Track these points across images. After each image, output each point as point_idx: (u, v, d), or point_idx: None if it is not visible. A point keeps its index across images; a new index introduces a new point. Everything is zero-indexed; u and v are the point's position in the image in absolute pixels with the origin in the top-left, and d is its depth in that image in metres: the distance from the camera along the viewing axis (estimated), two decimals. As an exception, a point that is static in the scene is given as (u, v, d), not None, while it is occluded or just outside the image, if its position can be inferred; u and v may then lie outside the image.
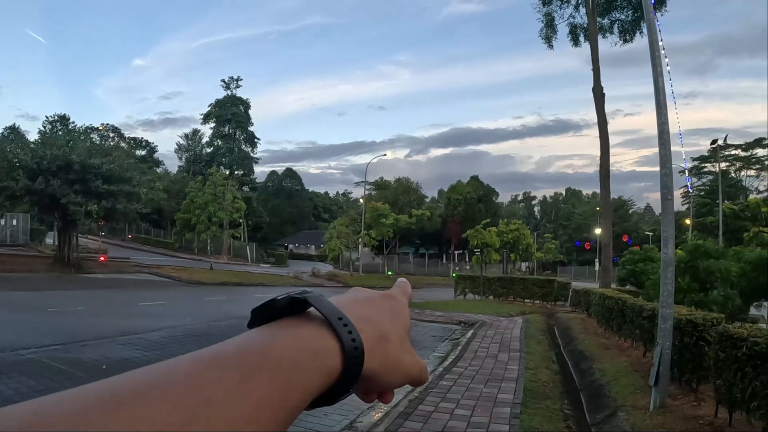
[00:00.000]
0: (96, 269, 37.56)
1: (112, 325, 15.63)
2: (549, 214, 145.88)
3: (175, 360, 0.47)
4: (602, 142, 30.95)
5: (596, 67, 31.51)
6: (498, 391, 9.42)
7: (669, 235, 8.65)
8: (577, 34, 36.13)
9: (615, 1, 35.03)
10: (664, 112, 8.92)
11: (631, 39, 35.51)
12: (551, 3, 36.01)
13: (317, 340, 0.54)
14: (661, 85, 9.02)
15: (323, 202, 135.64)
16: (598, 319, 18.53)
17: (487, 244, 57.50)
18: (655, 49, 9.24)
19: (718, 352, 7.25)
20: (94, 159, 33.35)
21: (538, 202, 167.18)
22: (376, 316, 0.63)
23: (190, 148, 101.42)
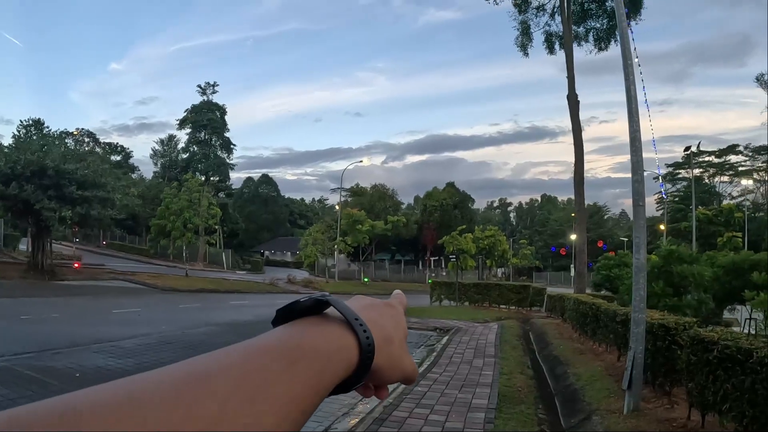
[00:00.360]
0: (70, 276, 37.08)
1: (86, 333, 15.42)
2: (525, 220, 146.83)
3: (224, 350, 0.54)
4: (577, 149, 31.16)
5: (571, 74, 31.74)
6: (472, 397, 9.41)
7: (641, 240, 8.71)
8: (552, 42, 36.41)
9: (590, 10, 35.35)
10: (636, 120, 9.00)
11: (606, 47, 35.84)
12: (527, 11, 36.27)
13: (340, 336, 0.63)
14: (633, 93, 9.10)
15: (299, 209, 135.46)
16: (573, 324, 18.64)
17: (463, 250, 57.68)
18: (627, 57, 9.32)
19: (690, 355, 7.30)
20: (69, 164, 32.91)
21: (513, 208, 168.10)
22: (381, 320, 0.71)
23: (166, 153, 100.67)
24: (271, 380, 0.51)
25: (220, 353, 0.54)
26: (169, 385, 0.46)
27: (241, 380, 0.49)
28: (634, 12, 32.50)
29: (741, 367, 6.00)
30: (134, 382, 0.46)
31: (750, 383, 5.78)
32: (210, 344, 14.44)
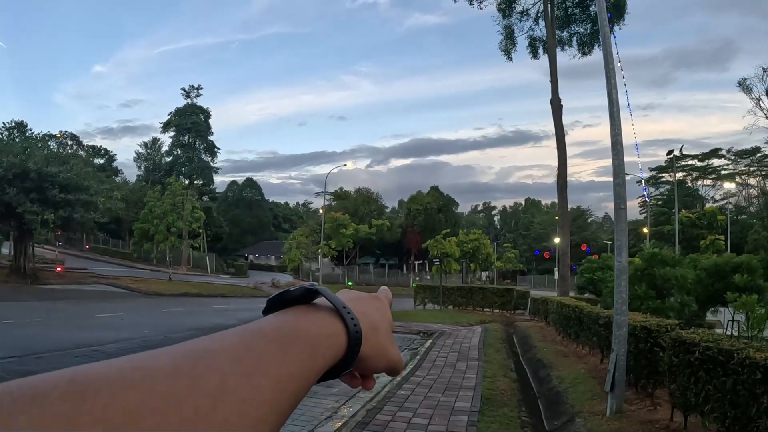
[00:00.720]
0: (53, 280, 36.81)
1: (69, 337, 15.33)
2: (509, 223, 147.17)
3: (223, 333, 0.57)
4: (560, 152, 31.28)
5: (554, 79, 31.86)
6: (455, 400, 9.40)
7: (622, 243, 8.74)
8: (536, 47, 36.52)
9: (574, 15, 35.52)
10: (618, 124, 9.04)
11: (590, 52, 36.03)
12: (511, 16, 36.37)
13: (330, 323, 0.65)
14: (615, 97, 9.14)
15: (283, 213, 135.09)
16: (557, 327, 18.68)
17: (447, 254, 57.78)
18: (609, 62, 9.36)
19: (672, 357, 7.33)
20: (52, 167, 32.63)
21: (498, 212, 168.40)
22: (368, 310, 0.74)
23: (150, 157, 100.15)
24: (267, 359, 0.54)
25: (219, 335, 0.56)
26: (173, 358, 0.49)
27: (240, 357, 0.52)
28: (617, 17, 32.71)
29: (722, 368, 6.03)
30: (141, 356, 0.49)
31: (731, 384, 5.80)
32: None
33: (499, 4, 36.03)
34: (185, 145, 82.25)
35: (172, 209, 52.90)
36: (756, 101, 75.03)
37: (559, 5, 34.81)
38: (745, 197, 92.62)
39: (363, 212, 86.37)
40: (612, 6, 30.85)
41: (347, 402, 9.39)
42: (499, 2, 35.97)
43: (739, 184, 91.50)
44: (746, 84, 75.62)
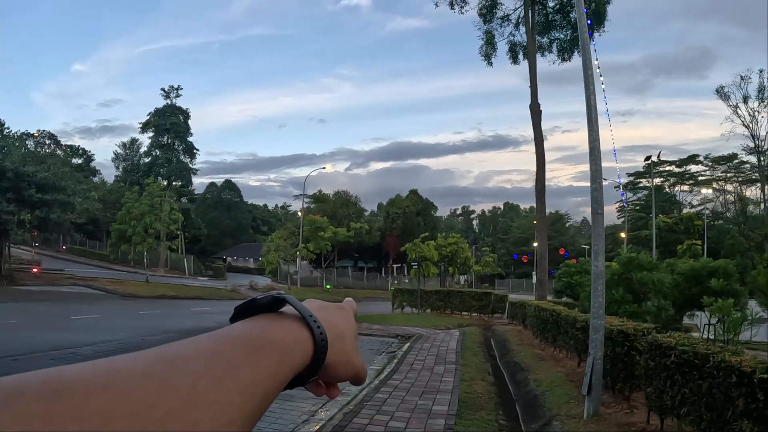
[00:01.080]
0: (29, 281, 36.38)
1: (45, 339, 15.17)
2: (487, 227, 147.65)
3: (194, 338, 0.59)
4: (538, 157, 31.45)
5: (534, 84, 32.05)
6: (433, 403, 9.38)
7: (599, 248, 8.78)
8: (516, 52, 36.68)
9: (555, 21, 35.73)
10: (596, 130, 9.08)
11: (570, 58, 36.25)
12: (492, 21, 36.50)
13: (297, 331, 0.67)
14: (593, 103, 9.18)
15: (262, 215, 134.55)
16: (534, 330, 18.75)
17: (425, 257, 57.70)
18: (588, 68, 9.41)
19: (648, 360, 7.37)
20: (29, 166, 32.32)
21: (476, 216, 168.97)
22: (334, 319, 0.76)
23: (128, 157, 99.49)
24: (237, 364, 0.56)
25: (190, 340, 0.58)
26: (146, 361, 0.51)
27: (210, 362, 0.54)
28: (597, 24, 32.94)
29: (698, 371, 6.06)
30: (115, 359, 0.51)
31: (707, 387, 5.83)
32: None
33: (480, 10, 36.16)
34: (164, 146, 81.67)
35: (150, 210, 52.43)
36: (733, 109, 76.07)
37: (540, 11, 35.02)
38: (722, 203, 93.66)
39: (342, 215, 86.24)
40: (592, 13, 31.08)
41: (324, 405, 9.33)
42: (480, 7, 36.10)
43: (716, 189, 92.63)
44: (724, 92, 76.63)
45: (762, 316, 14.21)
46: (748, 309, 14.35)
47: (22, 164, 32.07)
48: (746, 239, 76.39)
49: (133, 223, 51.73)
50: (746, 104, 75.08)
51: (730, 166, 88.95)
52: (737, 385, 5.29)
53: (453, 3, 36.15)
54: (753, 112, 74.62)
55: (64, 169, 38.77)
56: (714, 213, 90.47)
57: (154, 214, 52.63)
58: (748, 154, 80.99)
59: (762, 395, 4.92)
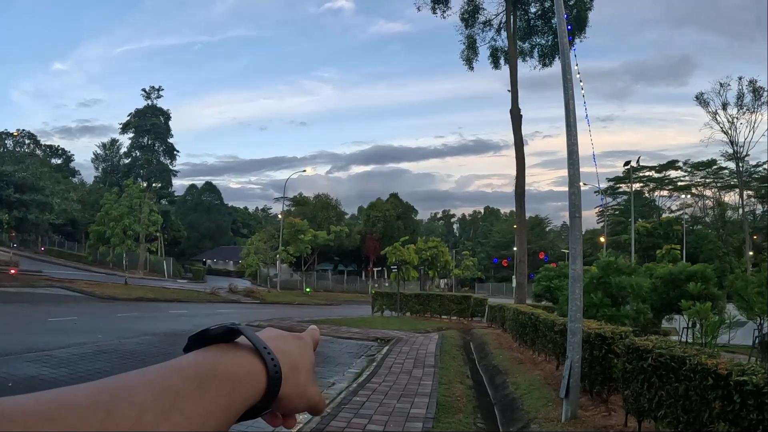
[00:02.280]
0: (5, 282, 35.91)
1: (20, 341, 14.94)
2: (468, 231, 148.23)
3: (142, 370, 0.59)
4: (518, 162, 31.61)
5: (515, 89, 32.23)
6: (411, 407, 9.34)
7: (577, 252, 8.79)
8: (497, 57, 36.82)
9: (536, 27, 35.94)
10: (574, 134, 9.10)
11: (551, 63, 36.45)
12: (474, 26, 36.60)
13: (249, 363, 0.66)
14: (572, 107, 9.21)
15: (242, 218, 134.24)
16: (513, 334, 18.79)
17: (406, 261, 57.68)
18: (567, 72, 9.43)
19: (626, 363, 7.38)
20: (7, 166, 32.01)
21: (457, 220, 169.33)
22: (289, 350, 0.75)
23: (108, 158, 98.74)
24: (185, 396, 0.56)
25: (138, 372, 0.58)
26: (91, 392, 0.51)
27: (158, 394, 0.54)
28: (578, 30, 33.16)
29: (675, 374, 6.07)
30: (60, 390, 0.50)
31: (684, 390, 5.84)
32: (146, 354, 14.19)
33: (462, 14, 36.27)
34: (144, 147, 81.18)
35: (129, 212, 52.08)
36: (713, 115, 76.78)
37: (522, 17, 35.24)
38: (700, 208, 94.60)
39: (322, 218, 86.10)
40: (574, 18, 31.29)
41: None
42: (462, 12, 36.22)
43: (695, 195, 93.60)
44: (703, 98, 77.33)
45: (740, 319, 14.30)
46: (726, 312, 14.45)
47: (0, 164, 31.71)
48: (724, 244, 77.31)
49: (111, 224, 51.34)
50: (725, 111, 75.88)
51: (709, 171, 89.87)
52: (714, 388, 5.30)
53: (435, 7, 36.24)
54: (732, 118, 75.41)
55: (43, 169, 38.56)
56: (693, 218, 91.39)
57: (133, 216, 52.30)
58: (726, 160, 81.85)
59: (738, 397, 4.93)
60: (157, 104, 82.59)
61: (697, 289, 13.98)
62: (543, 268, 31.09)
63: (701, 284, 15.08)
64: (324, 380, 12.06)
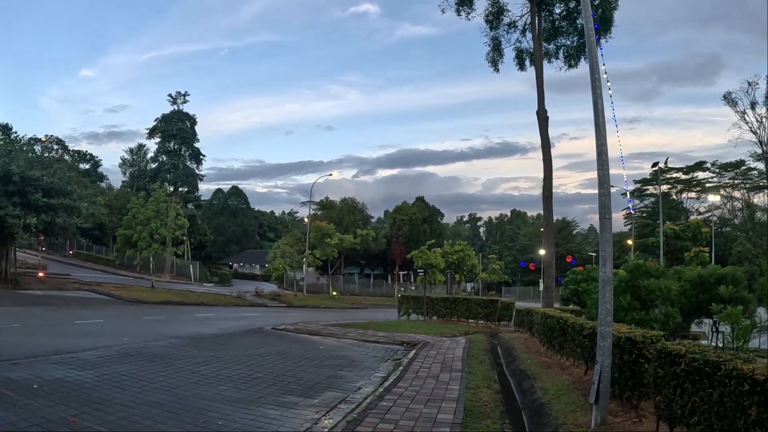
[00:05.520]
0: (34, 285, 36.48)
1: (47, 344, 15.08)
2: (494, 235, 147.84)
3: None
4: (545, 164, 31.37)
5: (540, 90, 32.01)
6: (438, 412, 9.24)
7: (607, 254, 8.64)
8: (523, 59, 36.60)
9: (561, 27, 35.64)
10: (603, 134, 8.95)
11: (576, 64, 36.12)
12: (498, 27, 36.40)
13: None
14: (600, 107, 9.06)
15: (269, 221, 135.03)
16: (541, 338, 18.61)
17: (432, 264, 57.61)
18: (595, 71, 9.28)
19: (657, 368, 7.23)
20: (35, 171, 32.34)
21: (483, 223, 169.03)
22: None
23: (135, 163, 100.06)
24: None
25: None
26: None
27: None
28: (604, 30, 32.80)
29: (709, 379, 5.93)
30: None
31: (718, 396, 5.70)
32: (171, 357, 14.22)
33: (486, 16, 36.08)
34: (171, 152, 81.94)
35: (156, 216, 52.57)
36: (741, 115, 75.89)
37: (547, 18, 34.99)
38: (729, 210, 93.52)
39: (348, 222, 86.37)
40: (599, 18, 30.97)
41: (328, 413, 9.23)
42: (486, 14, 36.02)
43: (723, 196, 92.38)
44: (732, 98, 76.51)
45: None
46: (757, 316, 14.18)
47: (28, 168, 32.11)
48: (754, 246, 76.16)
49: (138, 228, 51.90)
50: (754, 110, 74.89)
51: (738, 172, 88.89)
52: (750, 394, 5.17)
53: (460, 9, 36.05)
54: (761, 118, 74.38)
55: (71, 173, 38.88)
56: (721, 220, 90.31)
57: (159, 220, 52.76)
58: (755, 161, 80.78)
59: (775, 404, 4.80)
60: (183, 109, 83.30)
61: (727, 293, 13.74)
62: (570, 272, 30.80)
63: (732, 287, 14.82)
64: (350, 384, 12.03)
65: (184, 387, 10.63)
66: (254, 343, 19.26)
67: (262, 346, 18.08)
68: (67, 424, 7.47)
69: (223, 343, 18.73)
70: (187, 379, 11.41)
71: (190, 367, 12.94)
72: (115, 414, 8.20)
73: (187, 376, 11.80)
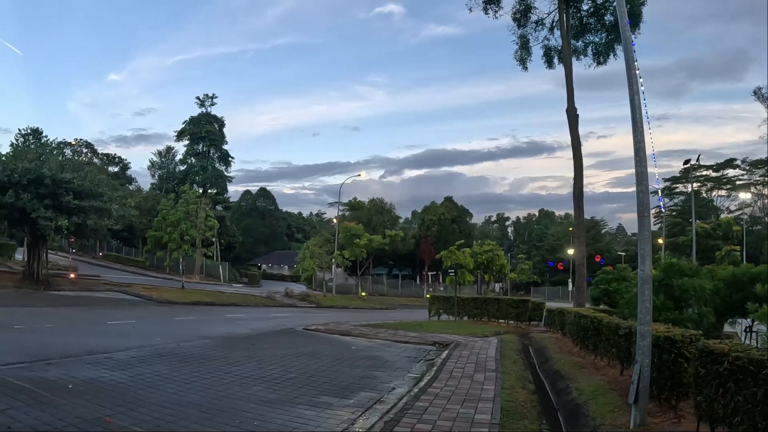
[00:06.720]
0: (65, 286, 36.94)
1: (80, 344, 15.21)
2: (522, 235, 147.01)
3: None
4: (576, 162, 31.18)
5: (570, 88, 31.84)
6: (475, 412, 9.22)
7: (646, 252, 8.55)
8: (551, 56, 36.49)
9: (589, 24, 35.46)
10: (641, 131, 8.86)
11: (605, 61, 35.95)
12: (526, 25, 36.32)
13: None
14: (638, 103, 8.97)
15: (296, 222, 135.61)
16: (573, 338, 18.49)
17: (461, 264, 57.43)
18: (631, 67, 9.19)
19: (699, 368, 7.14)
20: (66, 174, 32.76)
21: (511, 223, 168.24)
22: None
23: (163, 165, 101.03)
24: None
25: None
26: None
27: None
28: (632, 26, 32.51)
29: (753, 378, 5.86)
30: None
31: (762, 395, 5.63)
32: (203, 357, 14.33)
33: (514, 14, 36.04)
34: (199, 154, 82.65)
35: (186, 217, 52.97)
36: (772, 110, 74.67)
37: (574, 14, 34.81)
38: (760, 207, 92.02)
39: (376, 222, 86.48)
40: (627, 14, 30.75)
41: (364, 414, 9.23)
42: (514, 12, 35.99)
43: (754, 194, 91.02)
44: (762, 93, 75.37)
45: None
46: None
47: (59, 171, 32.53)
48: (787, 244, 74.99)
49: (169, 229, 52.30)
50: (785, 105, 73.70)
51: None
52: (797, 393, 5.11)
53: (487, 8, 36.05)
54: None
55: (101, 176, 39.32)
56: (752, 218, 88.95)
57: (189, 221, 53.13)
58: (788, 157, 79.39)
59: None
60: (211, 112, 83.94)
61: (763, 291, 13.56)
62: (601, 271, 30.62)
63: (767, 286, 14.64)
64: (384, 384, 12.03)
65: (218, 387, 10.69)
66: (286, 343, 19.34)
67: (294, 347, 18.14)
68: (103, 424, 7.53)
69: (254, 343, 18.83)
70: (221, 380, 11.47)
71: (223, 367, 13.00)
72: (151, 414, 8.25)
73: (221, 376, 11.87)
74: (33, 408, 7.98)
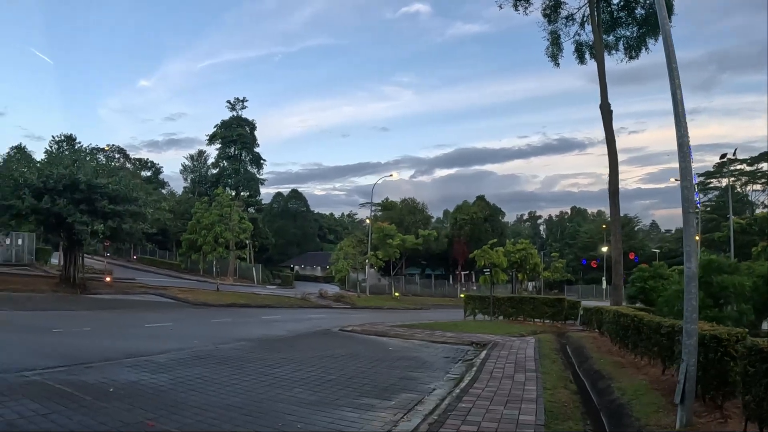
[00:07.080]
0: (101, 290, 37.40)
1: (118, 347, 15.40)
2: (554, 233, 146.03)
3: None
4: (611, 158, 30.90)
5: (603, 83, 31.56)
6: (519, 413, 9.18)
7: (691, 249, 8.45)
8: (582, 52, 36.30)
9: (619, 18, 35.20)
10: (684, 125, 8.74)
11: (637, 56, 35.66)
12: (557, 21, 36.18)
13: None
14: (680, 97, 8.85)
15: (328, 224, 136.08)
16: (612, 337, 18.33)
17: (495, 264, 57.15)
18: (671, 61, 9.06)
19: (747, 366, 7.05)
20: (100, 179, 33.18)
21: (543, 221, 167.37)
22: None
23: (196, 168, 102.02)
24: None
25: None
26: None
27: None
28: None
29: (806, 378, 5.78)
30: None
31: (817, 396, 5.56)
32: (242, 359, 14.42)
33: (544, 10, 35.92)
34: (231, 157, 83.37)
35: (220, 220, 53.41)
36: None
37: (605, 9, 34.56)
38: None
39: (409, 222, 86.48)
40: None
41: (406, 415, 9.21)
42: (544, 8, 35.87)
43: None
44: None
45: None
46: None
47: (94, 176, 32.96)
48: (826, 239, 73.50)
49: (203, 232, 52.79)
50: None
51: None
52: None
53: (517, 4, 35.97)
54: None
55: (135, 181, 39.83)
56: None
57: (223, 224, 53.55)
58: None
59: None
60: (242, 115, 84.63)
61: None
62: (637, 269, 30.34)
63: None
64: (424, 386, 12.01)
65: (258, 390, 10.73)
66: (323, 344, 19.40)
67: (332, 348, 18.18)
68: (146, 428, 7.57)
69: (292, 345, 18.93)
70: (261, 382, 11.51)
71: (262, 369, 13.05)
72: (193, 417, 8.29)
73: (261, 378, 11.91)
74: (75, 412, 8.04)
